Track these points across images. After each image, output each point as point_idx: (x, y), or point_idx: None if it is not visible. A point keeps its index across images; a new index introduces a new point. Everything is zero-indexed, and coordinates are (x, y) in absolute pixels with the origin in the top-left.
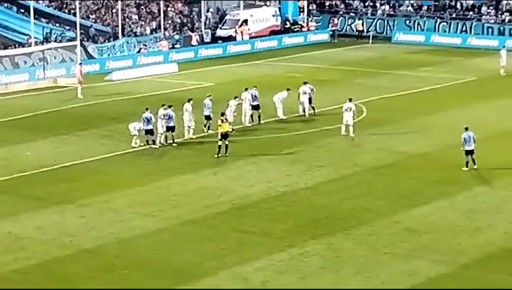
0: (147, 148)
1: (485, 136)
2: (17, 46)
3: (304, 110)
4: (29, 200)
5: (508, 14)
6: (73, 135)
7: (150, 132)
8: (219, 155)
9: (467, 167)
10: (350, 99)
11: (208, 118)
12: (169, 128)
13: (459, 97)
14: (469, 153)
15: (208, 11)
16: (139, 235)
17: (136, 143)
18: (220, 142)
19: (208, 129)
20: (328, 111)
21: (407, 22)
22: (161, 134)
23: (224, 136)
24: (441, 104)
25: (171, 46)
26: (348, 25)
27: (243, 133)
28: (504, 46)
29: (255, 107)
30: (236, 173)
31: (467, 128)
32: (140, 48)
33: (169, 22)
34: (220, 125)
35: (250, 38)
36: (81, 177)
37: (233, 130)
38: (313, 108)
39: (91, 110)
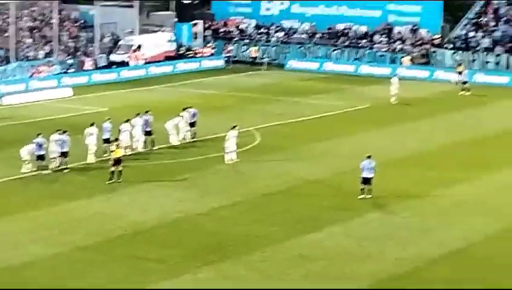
0: (38, 173)
1: (378, 163)
2: None
3: (189, 136)
4: None
5: (399, 42)
6: None
7: (41, 158)
8: (111, 181)
9: (362, 194)
10: (234, 127)
11: (107, 141)
12: (63, 154)
13: (352, 124)
14: (366, 181)
15: (103, 36)
16: (31, 262)
17: (27, 169)
18: (112, 168)
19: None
20: (222, 137)
21: (301, 49)
22: (54, 159)
23: (117, 161)
24: (334, 131)
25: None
26: (242, 51)
27: (136, 158)
28: (395, 75)
29: (148, 133)
30: (130, 199)
31: (369, 157)
32: (33, 72)
33: (63, 46)
34: (112, 151)
35: (145, 63)
36: None
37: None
38: (195, 133)
39: None
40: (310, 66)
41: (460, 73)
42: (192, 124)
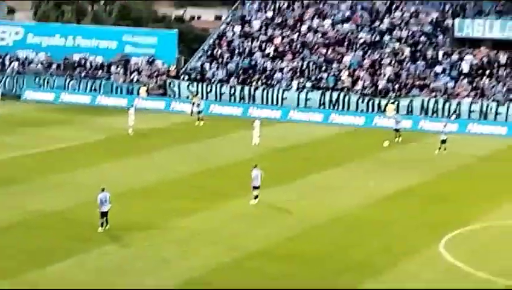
0: None
1: (115, 193)
2: None
3: None
4: None
5: (136, 73)
6: None
7: None
8: None
9: (102, 227)
10: None
11: None
12: None
13: (89, 155)
14: (104, 214)
15: None
16: None
17: None
18: None
19: None
20: None
21: (37, 79)
22: None
23: None
24: (71, 163)
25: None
26: None
27: None
28: (132, 106)
29: None
30: None
31: (103, 189)
32: None
33: None
34: None
35: None
36: None
37: None
38: None
39: None
40: (47, 97)
41: (195, 104)
42: None
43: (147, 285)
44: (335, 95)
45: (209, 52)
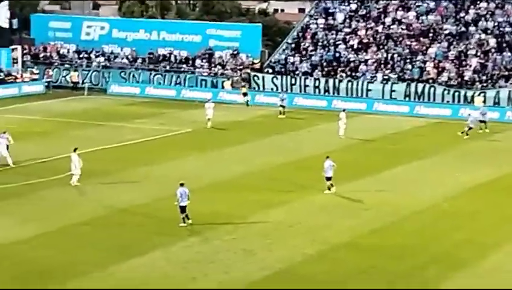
0: None
1: (199, 186)
2: None
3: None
4: None
5: (220, 67)
6: None
7: None
8: None
9: (184, 222)
10: (75, 149)
11: None
12: None
13: (174, 149)
14: (184, 209)
15: None
16: None
17: None
18: None
19: None
20: (42, 163)
21: (122, 74)
22: None
23: None
24: (156, 156)
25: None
26: (63, 76)
27: None
28: (209, 100)
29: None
30: None
31: (182, 184)
32: None
33: None
34: None
35: None
36: None
37: None
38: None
39: None
40: (132, 91)
41: (245, 94)
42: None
43: (234, 277)
44: (420, 86)
45: (293, 45)
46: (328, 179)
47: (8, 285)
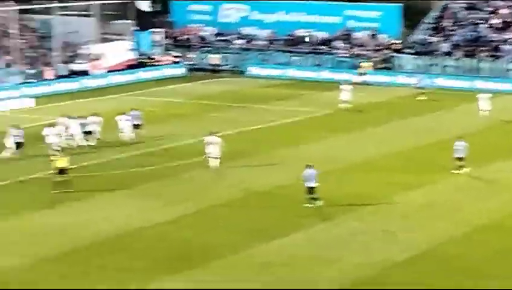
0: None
1: (339, 168)
2: None
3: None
4: None
5: (359, 48)
6: None
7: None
8: (57, 191)
9: (310, 203)
10: (211, 133)
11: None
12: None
13: (313, 130)
14: (312, 190)
15: (63, 45)
16: (2, 273)
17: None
18: (56, 178)
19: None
20: (185, 145)
21: (261, 56)
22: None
23: (61, 171)
24: (296, 138)
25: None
26: (202, 59)
27: (102, 167)
28: (346, 81)
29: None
30: (94, 209)
31: (309, 166)
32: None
33: (23, 56)
34: (54, 161)
35: (106, 72)
36: None
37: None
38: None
39: None
40: (271, 73)
41: (362, 74)
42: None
43: (373, 260)
44: None
45: (433, 25)
46: (459, 159)
47: (156, 265)
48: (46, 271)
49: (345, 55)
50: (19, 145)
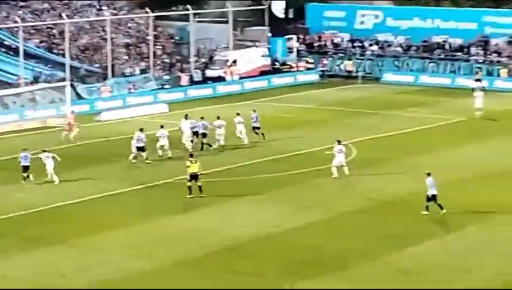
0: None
1: (475, 175)
2: (6, 86)
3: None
4: (22, 240)
5: (495, 54)
6: (63, 175)
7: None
8: (192, 196)
9: (427, 210)
10: (339, 142)
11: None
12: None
13: (448, 137)
14: (432, 198)
15: (198, 52)
16: (129, 277)
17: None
18: (189, 183)
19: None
20: (317, 151)
21: (396, 62)
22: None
23: (194, 177)
24: (430, 145)
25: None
26: (337, 65)
27: (233, 173)
28: (479, 88)
29: (203, 135)
30: (226, 213)
31: (429, 174)
32: (130, 88)
33: (159, 62)
34: (188, 167)
35: (240, 78)
36: (72, 217)
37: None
38: (259, 134)
39: (81, 150)
40: (405, 79)
41: (478, 80)
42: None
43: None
44: None
45: None
46: None
47: (286, 271)
48: (177, 275)
49: (481, 61)
50: (141, 149)
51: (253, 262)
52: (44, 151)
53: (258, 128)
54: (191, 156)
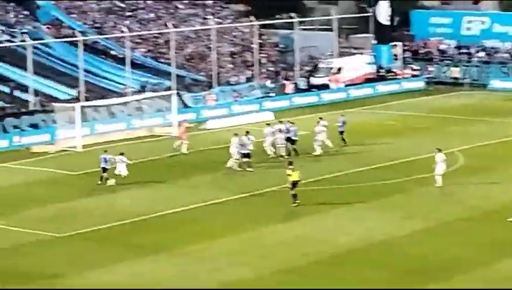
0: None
1: None
2: (113, 95)
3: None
4: (126, 248)
5: None
6: (168, 183)
7: (246, 156)
8: (296, 204)
9: None
10: (439, 150)
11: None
12: (244, 155)
13: None
14: None
15: (303, 60)
16: (236, 284)
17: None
18: (292, 191)
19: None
20: (423, 159)
21: (503, 68)
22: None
23: (294, 184)
24: None
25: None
26: (443, 72)
27: (337, 181)
28: None
29: (292, 142)
30: (331, 221)
31: None
32: (235, 97)
33: (263, 70)
34: (289, 175)
35: (345, 86)
36: (176, 226)
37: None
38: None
39: (187, 159)
40: None
41: None
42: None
43: None
44: None
45: None
46: None
47: (394, 279)
48: (279, 283)
49: None
50: (246, 156)
51: (362, 269)
52: (121, 154)
53: (342, 132)
54: (290, 164)
